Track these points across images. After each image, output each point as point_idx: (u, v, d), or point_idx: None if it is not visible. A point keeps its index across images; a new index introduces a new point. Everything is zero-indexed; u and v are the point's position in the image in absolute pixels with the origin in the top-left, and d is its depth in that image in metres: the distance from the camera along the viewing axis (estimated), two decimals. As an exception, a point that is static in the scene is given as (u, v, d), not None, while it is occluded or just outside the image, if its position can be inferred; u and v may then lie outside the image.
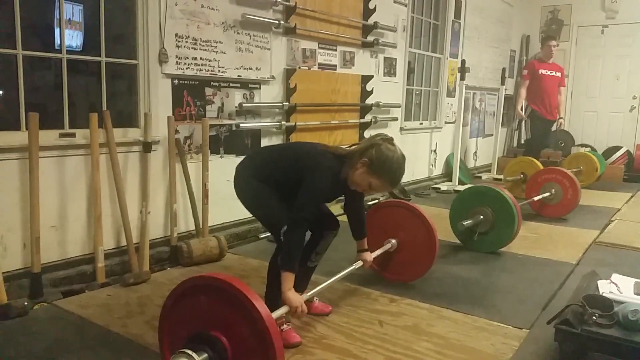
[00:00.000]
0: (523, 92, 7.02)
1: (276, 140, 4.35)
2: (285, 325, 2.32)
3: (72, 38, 3.17)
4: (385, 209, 3.16)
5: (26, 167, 2.76)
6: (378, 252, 2.93)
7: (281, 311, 2.10)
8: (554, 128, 7.35)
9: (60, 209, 2.99)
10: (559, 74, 6.95)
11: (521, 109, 7.06)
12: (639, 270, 3.23)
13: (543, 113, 6.93)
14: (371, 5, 5.20)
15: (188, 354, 1.68)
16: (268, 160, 2.41)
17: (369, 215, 3.01)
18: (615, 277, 2.43)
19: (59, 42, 3.03)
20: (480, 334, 2.49)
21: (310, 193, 2.19)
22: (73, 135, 3.04)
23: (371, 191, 2.33)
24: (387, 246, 3.01)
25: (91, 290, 2.91)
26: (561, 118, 7.21)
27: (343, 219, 2.63)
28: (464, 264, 3.60)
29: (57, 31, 3.04)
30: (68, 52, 3.03)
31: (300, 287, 2.59)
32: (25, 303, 2.60)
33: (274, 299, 2.31)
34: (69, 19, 3.12)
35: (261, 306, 1.69)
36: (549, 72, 6.85)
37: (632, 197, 6.40)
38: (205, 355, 1.71)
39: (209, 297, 1.79)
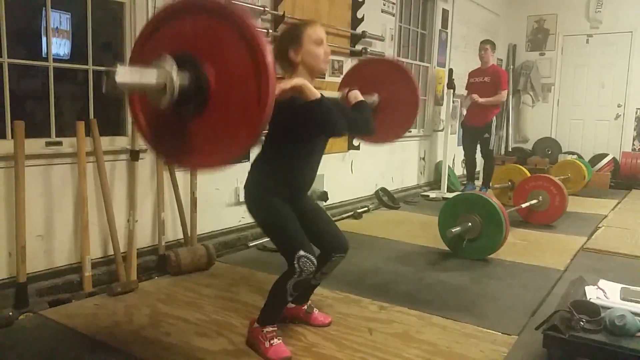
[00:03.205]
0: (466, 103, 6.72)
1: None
2: (275, 340, 2.28)
3: (60, 46, 3.16)
4: (368, 64, 3.02)
5: (12, 176, 2.73)
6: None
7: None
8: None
9: (46, 218, 2.96)
10: (487, 79, 6.45)
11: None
12: (625, 276, 3.26)
13: (464, 120, 6.74)
14: (359, 15, 5.24)
15: (165, 62, 1.55)
16: (261, 157, 2.32)
17: (353, 69, 2.93)
18: (602, 283, 2.44)
19: (46, 50, 3.01)
20: (470, 340, 2.49)
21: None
22: (60, 143, 3.01)
23: (326, 50, 2.24)
24: (370, 98, 2.76)
25: (78, 299, 2.88)
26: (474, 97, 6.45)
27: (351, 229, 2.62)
28: (453, 270, 3.61)
29: (44, 39, 3.03)
30: (55, 60, 3.01)
31: (300, 301, 2.59)
32: (10, 313, 2.56)
33: (270, 316, 2.31)
34: (57, 27, 3.10)
35: (263, 41, 1.55)
36: (477, 79, 6.56)
37: (618, 203, 6.47)
38: (186, 76, 1.58)
39: (196, 18, 1.65)
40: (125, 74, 1.57)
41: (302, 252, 2.15)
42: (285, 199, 2.27)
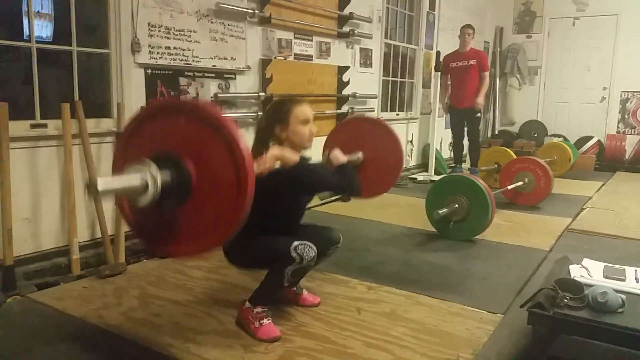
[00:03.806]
0: (444, 87, 6.79)
1: (252, 131, 4.32)
2: (265, 320, 2.29)
3: (42, 29, 3.10)
4: (352, 122, 3.10)
5: (-4, 159, 2.70)
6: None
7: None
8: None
9: (32, 201, 2.93)
10: (472, 62, 6.50)
11: (446, 103, 6.81)
12: (608, 255, 3.30)
13: (452, 104, 6.70)
14: (346, -4, 5.20)
15: (146, 165, 1.61)
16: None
17: (336, 129, 3.00)
18: (586, 261, 2.48)
19: (28, 32, 2.97)
20: (456, 319, 2.53)
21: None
22: (45, 126, 2.98)
23: (311, 129, 2.32)
24: (355, 156, 2.86)
25: (66, 282, 2.87)
26: (477, 102, 6.54)
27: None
28: (440, 251, 3.65)
29: (25, 21, 2.98)
30: (38, 41, 2.97)
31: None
32: (-2, 296, 2.56)
33: (263, 297, 2.32)
34: (38, 11, 3.05)
35: (236, 132, 1.66)
36: (459, 64, 6.55)
37: (602, 185, 6.55)
38: (168, 174, 1.65)
39: (173, 118, 1.75)
40: (106, 183, 1.63)
41: (296, 242, 2.19)
42: None
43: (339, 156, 2.47)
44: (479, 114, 6.70)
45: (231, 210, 1.71)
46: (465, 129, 6.70)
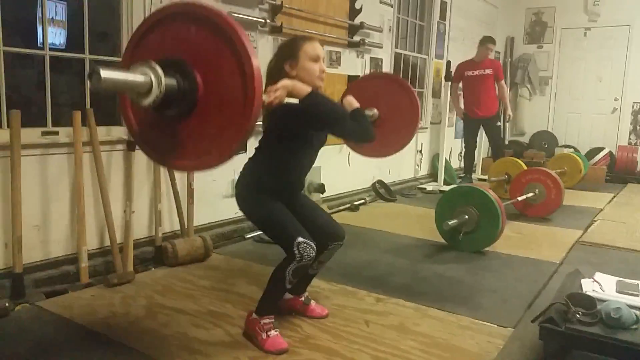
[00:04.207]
0: (455, 94, 6.82)
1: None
2: (272, 331, 2.28)
3: (56, 36, 3.14)
4: (367, 81, 3.02)
5: (8, 166, 2.71)
6: None
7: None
8: (500, 123, 7.05)
9: (42, 208, 2.94)
10: (489, 71, 6.56)
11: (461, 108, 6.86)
12: (621, 269, 3.27)
13: (470, 114, 6.69)
14: (357, 5, 5.21)
15: (152, 66, 1.57)
16: (254, 160, 2.38)
17: (353, 85, 2.91)
18: (598, 275, 2.45)
19: (41, 40, 2.99)
20: (466, 332, 2.50)
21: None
22: (56, 133, 2.99)
23: (321, 67, 2.27)
24: (370, 112, 2.81)
25: (74, 290, 2.87)
26: (509, 114, 6.98)
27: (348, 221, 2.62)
28: (449, 263, 3.62)
29: (39, 28, 3.00)
30: (51, 49, 2.99)
31: (298, 291, 2.59)
32: (7, 304, 2.55)
33: (268, 305, 2.32)
34: (52, 17, 3.08)
35: (249, 46, 1.60)
36: (474, 72, 6.58)
37: (614, 197, 6.48)
38: (174, 80, 1.60)
39: (184, 25, 1.69)
40: (110, 73, 1.59)
41: (300, 239, 2.17)
42: (277, 198, 2.31)
43: (352, 101, 2.44)
44: (498, 123, 6.76)
45: (236, 127, 1.66)
46: (485, 139, 6.71)
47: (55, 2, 3.09)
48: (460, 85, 6.79)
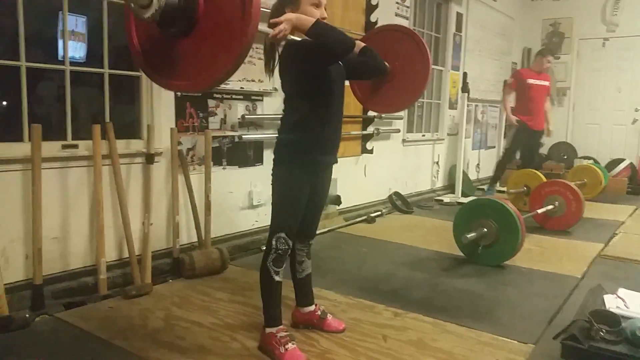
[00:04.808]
0: (509, 99, 6.70)
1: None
2: (290, 344, 2.27)
3: (76, 49, 3.17)
4: (380, 33, 2.96)
5: (29, 179, 2.75)
6: None
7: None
8: (543, 139, 6.98)
9: (62, 221, 2.97)
10: (546, 83, 6.65)
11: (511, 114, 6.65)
12: (644, 284, 3.20)
13: (529, 124, 6.51)
14: (373, 19, 5.22)
15: None
16: (287, 119, 2.33)
17: (364, 38, 2.88)
18: (622, 291, 2.41)
19: (62, 54, 3.03)
20: (485, 348, 2.46)
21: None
22: (76, 146, 3.03)
23: (322, 14, 2.24)
24: None
25: (93, 302, 2.89)
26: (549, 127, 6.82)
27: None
28: (468, 277, 3.57)
29: (60, 43, 3.05)
30: (71, 63, 3.04)
31: (304, 302, 2.58)
32: (27, 315, 2.57)
33: (270, 312, 2.32)
34: (72, 30, 3.13)
35: None
36: (538, 82, 6.52)
37: (636, 209, 6.37)
38: None
39: None
40: None
41: (282, 235, 2.25)
42: (310, 169, 2.30)
43: (359, 43, 2.48)
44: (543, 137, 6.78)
45: (236, 37, 1.70)
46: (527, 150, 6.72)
47: (75, 15, 3.13)
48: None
